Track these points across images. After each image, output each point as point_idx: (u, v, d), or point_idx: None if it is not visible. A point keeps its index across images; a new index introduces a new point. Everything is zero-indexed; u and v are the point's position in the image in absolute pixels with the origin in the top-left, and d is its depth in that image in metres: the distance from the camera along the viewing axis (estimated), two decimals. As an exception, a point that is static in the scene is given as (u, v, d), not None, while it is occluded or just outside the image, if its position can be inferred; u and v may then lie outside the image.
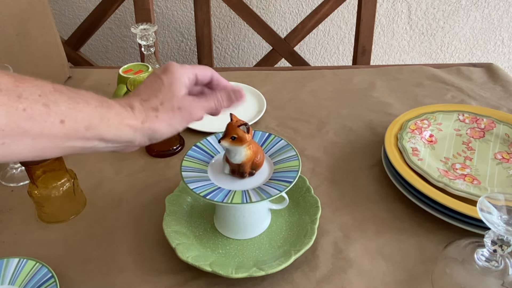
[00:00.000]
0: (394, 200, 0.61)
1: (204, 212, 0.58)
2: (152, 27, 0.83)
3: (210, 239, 0.54)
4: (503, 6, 1.44)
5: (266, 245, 0.53)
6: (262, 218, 0.55)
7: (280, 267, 0.48)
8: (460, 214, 0.53)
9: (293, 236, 0.54)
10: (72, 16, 1.50)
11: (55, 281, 0.47)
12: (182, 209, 0.57)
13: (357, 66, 1.02)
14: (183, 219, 0.56)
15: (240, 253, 0.52)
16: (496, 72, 0.93)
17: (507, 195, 0.41)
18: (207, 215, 0.57)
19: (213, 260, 0.50)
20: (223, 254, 0.52)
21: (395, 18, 1.47)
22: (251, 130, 0.49)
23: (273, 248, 0.53)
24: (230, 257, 0.52)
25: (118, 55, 1.59)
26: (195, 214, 0.58)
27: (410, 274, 0.50)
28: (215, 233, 0.55)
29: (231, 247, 0.53)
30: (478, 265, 0.43)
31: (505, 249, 0.41)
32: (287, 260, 0.49)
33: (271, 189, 0.48)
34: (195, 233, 0.55)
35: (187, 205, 0.58)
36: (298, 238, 0.53)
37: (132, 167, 0.69)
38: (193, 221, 0.57)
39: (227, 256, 0.52)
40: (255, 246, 0.53)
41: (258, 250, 0.53)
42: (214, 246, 0.53)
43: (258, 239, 0.54)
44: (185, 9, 1.47)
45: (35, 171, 0.55)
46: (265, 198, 0.47)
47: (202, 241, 0.54)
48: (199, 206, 0.59)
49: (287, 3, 1.45)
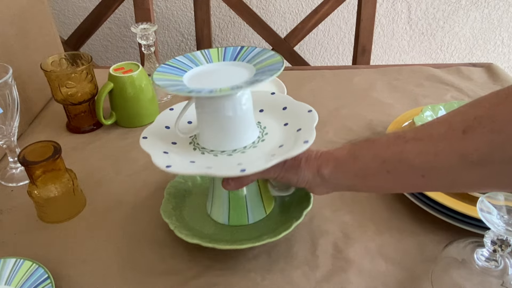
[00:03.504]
0: (394, 200, 0.61)
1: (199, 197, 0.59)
2: (152, 26, 0.83)
3: (206, 225, 0.55)
4: (503, 6, 1.44)
5: (264, 229, 0.54)
6: (251, 124, 0.50)
7: (281, 234, 0.49)
8: (460, 214, 0.53)
9: (288, 218, 0.54)
10: (72, 16, 1.50)
11: (51, 282, 0.47)
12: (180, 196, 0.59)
13: (357, 66, 1.02)
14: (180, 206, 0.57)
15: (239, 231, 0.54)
16: (496, 72, 0.93)
17: (507, 195, 0.41)
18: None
19: (210, 237, 0.51)
20: (219, 234, 0.53)
21: (395, 18, 1.47)
22: None
23: (271, 226, 0.54)
24: (228, 235, 0.53)
25: (118, 55, 1.59)
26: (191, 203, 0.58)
27: (410, 274, 0.50)
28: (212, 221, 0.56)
29: (227, 229, 0.54)
30: (478, 265, 0.43)
31: (505, 249, 0.41)
32: (289, 227, 0.50)
33: (260, 77, 0.44)
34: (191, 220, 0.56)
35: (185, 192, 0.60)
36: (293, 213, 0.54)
37: (132, 167, 0.69)
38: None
39: (223, 235, 0.53)
40: (253, 228, 0.54)
41: (255, 229, 0.54)
42: (210, 230, 0.54)
43: (253, 224, 0.55)
44: (185, 9, 1.47)
45: (35, 171, 0.55)
46: (259, 80, 0.43)
47: (196, 225, 0.55)
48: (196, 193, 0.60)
49: (287, 3, 1.45)
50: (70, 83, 0.72)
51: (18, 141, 0.69)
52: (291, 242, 0.55)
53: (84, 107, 0.77)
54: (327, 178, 0.46)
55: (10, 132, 0.63)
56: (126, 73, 0.75)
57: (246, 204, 0.54)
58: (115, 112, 0.78)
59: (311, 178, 0.47)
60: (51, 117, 0.83)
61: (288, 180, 0.48)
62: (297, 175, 0.47)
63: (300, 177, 0.47)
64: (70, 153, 0.72)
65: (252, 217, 0.54)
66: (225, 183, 0.48)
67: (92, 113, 0.78)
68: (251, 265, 0.52)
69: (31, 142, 0.57)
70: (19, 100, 0.63)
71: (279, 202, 0.58)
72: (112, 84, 0.74)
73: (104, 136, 0.77)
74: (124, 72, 0.75)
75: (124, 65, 0.78)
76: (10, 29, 0.73)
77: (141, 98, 0.77)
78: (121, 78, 0.74)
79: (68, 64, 0.76)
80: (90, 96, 0.75)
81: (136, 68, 0.76)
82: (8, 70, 0.60)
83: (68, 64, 0.76)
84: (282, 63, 0.46)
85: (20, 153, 0.55)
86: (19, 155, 0.55)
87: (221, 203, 0.54)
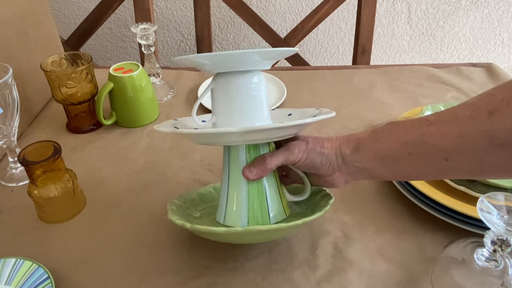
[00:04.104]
0: (394, 200, 0.61)
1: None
2: (152, 26, 0.83)
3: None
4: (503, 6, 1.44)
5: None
6: (264, 106, 0.48)
7: (301, 220, 0.43)
8: (460, 214, 0.53)
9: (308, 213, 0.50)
10: (72, 16, 1.50)
11: (51, 282, 0.47)
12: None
13: (357, 66, 1.02)
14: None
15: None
16: (496, 72, 0.93)
17: (507, 195, 0.41)
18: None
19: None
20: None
21: (395, 18, 1.47)
22: None
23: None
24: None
25: (118, 55, 1.59)
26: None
27: (410, 274, 0.50)
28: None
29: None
30: (478, 265, 0.43)
31: (505, 249, 0.41)
32: (320, 211, 0.46)
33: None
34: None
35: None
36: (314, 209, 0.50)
37: (132, 167, 0.69)
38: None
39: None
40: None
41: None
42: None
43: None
44: (185, 9, 1.47)
45: (35, 171, 0.55)
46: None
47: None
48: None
49: (287, 3, 1.45)
50: (70, 83, 0.72)
51: (18, 141, 0.69)
52: (291, 242, 0.55)
53: (84, 107, 0.77)
54: (347, 160, 0.46)
55: (10, 132, 0.63)
56: (126, 73, 0.75)
57: (267, 200, 0.48)
58: (115, 112, 0.78)
59: (334, 159, 0.46)
60: (51, 117, 0.83)
61: (312, 162, 0.46)
62: (321, 156, 0.46)
63: (324, 157, 0.46)
64: (70, 153, 0.72)
65: (273, 216, 0.48)
66: (247, 170, 0.46)
67: (92, 113, 0.78)
68: (251, 265, 0.52)
69: (31, 142, 0.57)
70: (19, 100, 0.63)
71: (294, 209, 0.54)
72: (112, 84, 0.74)
73: (104, 136, 0.77)
74: (124, 72, 0.75)
75: (124, 65, 0.78)
76: (10, 29, 0.73)
77: (141, 98, 0.77)
78: (121, 78, 0.74)
79: (68, 64, 0.76)
80: (90, 96, 0.75)
81: (136, 68, 0.76)
82: (8, 70, 0.60)
83: (68, 64, 0.76)
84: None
85: (20, 153, 0.55)
86: (19, 155, 0.55)
87: (239, 201, 0.48)
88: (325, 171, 0.47)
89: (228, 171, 0.48)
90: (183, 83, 0.93)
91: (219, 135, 0.44)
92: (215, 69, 0.47)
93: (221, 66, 0.46)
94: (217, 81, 0.47)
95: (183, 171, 0.68)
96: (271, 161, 0.46)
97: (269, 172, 0.47)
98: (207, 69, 0.47)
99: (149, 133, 0.77)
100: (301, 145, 0.46)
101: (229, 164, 0.48)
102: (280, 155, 0.46)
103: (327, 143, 0.47)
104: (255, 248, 0.54)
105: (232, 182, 0.48)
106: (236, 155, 0.48)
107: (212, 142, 0.48)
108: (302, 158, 0.46)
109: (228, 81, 0.47)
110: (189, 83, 0.93)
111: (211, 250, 0.54)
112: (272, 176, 0.49)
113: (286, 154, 0.46)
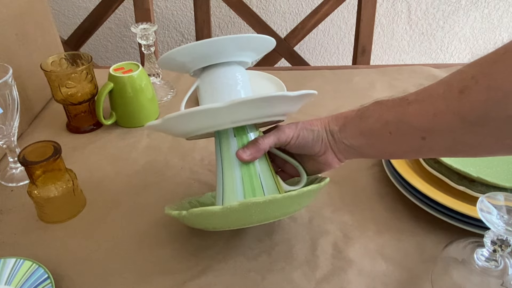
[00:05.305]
0: (394, 200, 0.61)
1: None
2: (152, 26, 0.83)
3: None
4: (503, 6, 1.44)
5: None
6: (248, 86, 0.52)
7: (296, 190, 0.44)
8: (460, 214, 0.53)
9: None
10: (72, 16, 1.50)
11: (51, 282, 0.47)
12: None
13: (357, 66, 1.02)
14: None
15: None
16: (496, 72, 0.93)
17: (507, 195, 0.41)
18: None
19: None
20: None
21: (395, 18, 1.47)
22: None
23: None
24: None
25: (118, 55, 1.59)
26: None
27: (410, 274, 0.50)
28: None
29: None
30: (478, 265, 0.43)
31: (505, 249, 0.41)
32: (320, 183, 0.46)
33: None
34: None
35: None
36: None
37: (132, 167, 0.69)
38: None
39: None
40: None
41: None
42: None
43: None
44: (185, 9, 1.47)
45: (35, 171, 0.55)
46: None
47: None
48: None
49: (287, 3, 1.45)
50: (70, 83, 0.72)
51: (18, 141, 0.69)
52: (291, 242, 0.55)
53: (84, 107, 0.77)
54: (336, 137, 0.47)
55: (10, 132, 0.63)
56: (126, 73, 0.75)
57: (261, 183, 0.48)
58: (115, 112, 0.78)
59: (325, 135, 0.48)
60: (51, 117, 0.83)
61: (304, 139, 0.48)
62: (312, 133, 0.48)
63: (315, 133, 0.48)
64: (70, 153, 0.72)
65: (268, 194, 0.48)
66: (241, 151, 0.47)
67: (92, 113, 0.78)
68: (251, 265, 0.52)
69: (31, 142, 0.57)
70: (19, 100, 0.63)
71: None
72: (112, 84, 0.74)
73: (104, 136, 0.77)
74: (124, 72, 0.75)
75: (124, 65, 0.78)
76: (10, 29, 0.73)
77: (141, 98, 0.77)
78: (121, 78, 0.74)
79: (68, 64, 0.76)
80: (90, 96, 0.75)
81: (136, 68, 0.76)
82: (8, 70, 0.60)
83: (68, 64, 0.76)
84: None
85: (20, 153, 0.55)
86: (19, 155, 0.55)
87: (234, 186, 0.48)
88: (318, 149, 0.49)
89: (221, 159, 0.50)
90: (183, 83, 0.93)
91: (206, 113, 0.45)
92: (196, 63, 0.50)
93: (201, 58, 0.49)
94: (201, 76, 0.51)
95: (183, 171, 0.68)
96: (263, 141, 0.48)
97: (263, 152, 0.48)
98: (191, 66, 0.51)
99: (149, 133, 0.77)
100: (291, 125, 0.49)
101: (221, 152, 0.50)
102: (272, 135, 0.48)
103: (316, 121, 0.49)
104: (255, 248, 0.54)
105: (226, 167, 0.49)
106: (227, 142, 0.49)
107: (201, 127, 0.47)
108: (294, 136, 0.48)
109: (210, 74, 0.50)
110: (189, 83, 0.93)
111: (211, 250, 0.54)
112: (265, 162, 0.50)
113: (277, 133, 0.48)
